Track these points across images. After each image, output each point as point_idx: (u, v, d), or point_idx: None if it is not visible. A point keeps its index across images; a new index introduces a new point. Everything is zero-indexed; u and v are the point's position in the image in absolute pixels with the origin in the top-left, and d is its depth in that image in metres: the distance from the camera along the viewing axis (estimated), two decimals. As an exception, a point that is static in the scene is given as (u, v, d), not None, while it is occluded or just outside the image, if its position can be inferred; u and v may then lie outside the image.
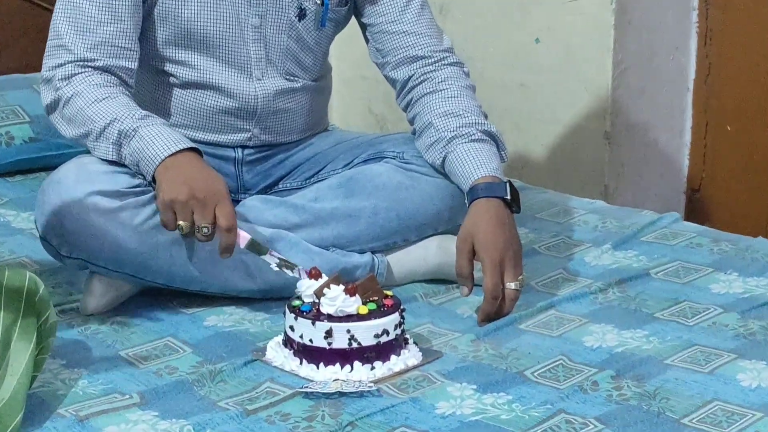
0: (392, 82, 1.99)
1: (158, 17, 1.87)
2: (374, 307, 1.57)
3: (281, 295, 1.77)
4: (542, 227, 2.16)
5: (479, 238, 1.72)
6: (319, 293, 1.57)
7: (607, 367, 1.56)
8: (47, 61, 1.83)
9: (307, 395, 1.49)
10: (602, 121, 2.74)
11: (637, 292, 1.84)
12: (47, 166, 2.41)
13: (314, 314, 1.55)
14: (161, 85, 1.93)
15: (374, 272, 1.85)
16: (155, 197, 1.70)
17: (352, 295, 1.55)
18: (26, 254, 2.00)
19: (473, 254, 1.73)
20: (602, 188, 2.76)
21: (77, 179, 1.72)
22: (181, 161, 1.71)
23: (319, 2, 1.94)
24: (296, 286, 1.62)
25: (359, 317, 1.55)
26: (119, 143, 1.74)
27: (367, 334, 1.54)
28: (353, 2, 1.99)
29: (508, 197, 1.78)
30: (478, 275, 1.75)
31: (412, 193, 1.89)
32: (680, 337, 1.66)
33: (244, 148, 1.99)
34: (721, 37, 2.79)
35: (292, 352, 1.57)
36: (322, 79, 2.05)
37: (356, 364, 1.54)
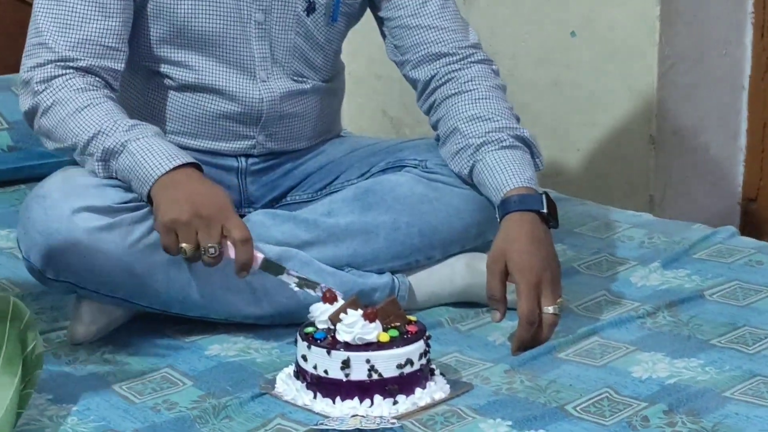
0: (412, 82, 2.00)
1: (152, 13, 1.88)
2: (396, 334, 1.57)
3: (292, 320, 1.78)
4: (582, 244, 2.16)
5: (513, 256, 1.73)
6: (334, 319, 1.57)
7: (658, 400, 1.56)
8: (26, 61, 1.84)
9: (322, 433, 1.49)
10: (647, 123, 2.74)
11: (690, 316, 1.84)
12: (29, 177, 2.42)
13: (329, 342, 1.56)
14: (155, 88, 1.94)
15: (395, 295, 1.85)
16: (154, 219, 1.71)
17: (371, 320, 1.55)
18: (7, 276, 2.00)
19: (506, 275, 1.74)
20: (648, 199, 2.77)
21: (64, 193, 1.72)
22: (179, 178, 1.71)
23: (330, -7, 1.95)
24: (309, 310, 1.62)
25: (380, 345, 1.55)
26: (106, 160, 1.75)
27: (388, 364, 1.54)
28: (368, -7, 2.00)
29: (544, 210, 1.78)
30: (511, 298, 1.75)
31: (436, 206, 1.90)
32: (740, 366, 1.66)
33: (247, 157, 2.00)
34: (779, 29, 2.80)
35: (304, 384, 1.58)
36: (333, 79, 2.06)
37: (377, 398, 1.54)
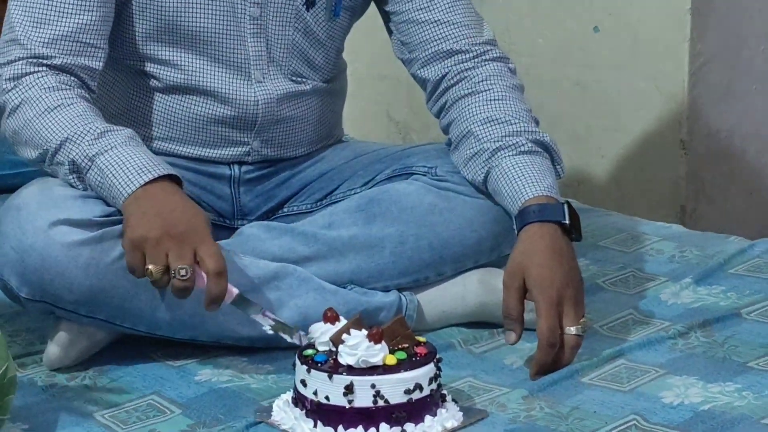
0: (421, 82, 2.01)
1: (137, 7, 1.90)
2: (404, 356, 1.57)
3: (289, 342, 1.78)
4: (607, 258, 2.17)
5: (532, 272, 1.74)
6: (336, 340, 1.58)
7: (691, 428, 1.56)
8: (-3, 58, 1.85)
9: (323, 465, 1.50)
10: (678, 127, 2.75)
11: (725, 336, 1.85)
12: (1, 188, 2.43)
13: (331, 366, 1.56)
14: (140, 89, 1.96)
15: (402, 314, 1.86)
16: (121, 235, 1.70)
17: (377, 341, 1.56)
18: (-23, 296, 2.02)
19: (524, 292, 1.75)
20: (679, 210, 2.77)
21: (40, 205, 1.73)
22: (153, 191, 1.71)
23: (331, -14, 1.97)
24: (308, 331, 1.63)
25: (386, 369, 1.55)
26: (76, 172, 1.76)
27: (395, 389, 1.55)
28: (373, -14, 2.02)
29: (566, 222, 1.79)
30: (529, 317, 1.76)
31: (447, 217, 1.91)
32: (780, 391, 1.67)
33: (241, 164, 2.01)
34: (823, 22, 2.81)
35: (304, 412, 1.58)
36: (335, 80, 2.07)
37: (383, 426, 1.55)
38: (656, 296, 2.02)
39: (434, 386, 1.59)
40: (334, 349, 1.58)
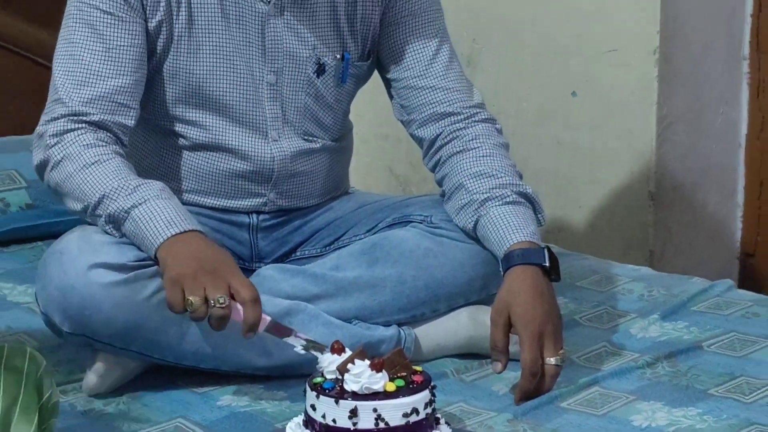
0: (419, 141, 2.02)
1: (167, 74, 1.92)
2: (402, 383, 1.58)
3: (301, 372, 1.78)
4: (583, 297, 2.17)
5: (516, 309, 1.74)
6: (342, 369, 1.58)
7: (657, 448, 1.57)
8: (43, 116, 1.86)
9: (330, 481, 1.50)
10: (646, 181, 2.76)
11: (688, 366, 1.85)
12: (46, 234, 2.44)
13: (338, 392, 1.56)
14: (170, 147, 1.97)
15: (401, 346, 1.86)
16: (161, 276, 1.71)
17: (378, 370, 1.56)
18: (24, 329, 2.01)
19: (509, 327, 1.75)
20: (648, 254, 2.77)
21: (80, 250, 1.74)
22: (183, 239, 1.72)
23: (339, 57, 1.98)
24: (317, 361, 1.64)
25: (386, 395, 1.56)
26: (114, 223, 1.77)
27: (395, 413, 1.55)
28: (376, 56, 2.03)
29: (546, 264, 1.80)
30: (514, 349, 1.76)
31: (441, 260, 1.92)
32: (737, 415, 1.67)
33: (259, 213, 2.02)
34: (774, 88, 2.83)
35: (313, 434, 1.59)
36: (342, 138, 2.09)
37: (384, 446, 1.55)
38: (627, 330, 2.02)
39: (429, 410, 1.59)
40: (340, 377, 1.58)
